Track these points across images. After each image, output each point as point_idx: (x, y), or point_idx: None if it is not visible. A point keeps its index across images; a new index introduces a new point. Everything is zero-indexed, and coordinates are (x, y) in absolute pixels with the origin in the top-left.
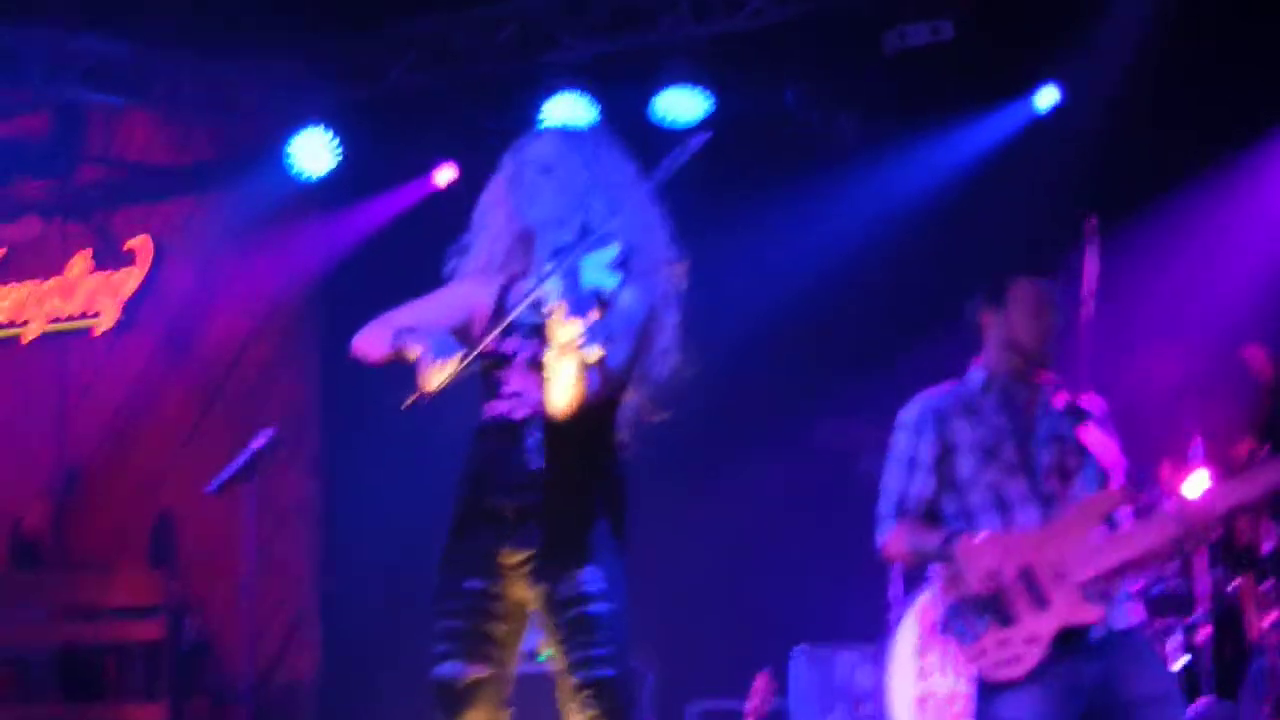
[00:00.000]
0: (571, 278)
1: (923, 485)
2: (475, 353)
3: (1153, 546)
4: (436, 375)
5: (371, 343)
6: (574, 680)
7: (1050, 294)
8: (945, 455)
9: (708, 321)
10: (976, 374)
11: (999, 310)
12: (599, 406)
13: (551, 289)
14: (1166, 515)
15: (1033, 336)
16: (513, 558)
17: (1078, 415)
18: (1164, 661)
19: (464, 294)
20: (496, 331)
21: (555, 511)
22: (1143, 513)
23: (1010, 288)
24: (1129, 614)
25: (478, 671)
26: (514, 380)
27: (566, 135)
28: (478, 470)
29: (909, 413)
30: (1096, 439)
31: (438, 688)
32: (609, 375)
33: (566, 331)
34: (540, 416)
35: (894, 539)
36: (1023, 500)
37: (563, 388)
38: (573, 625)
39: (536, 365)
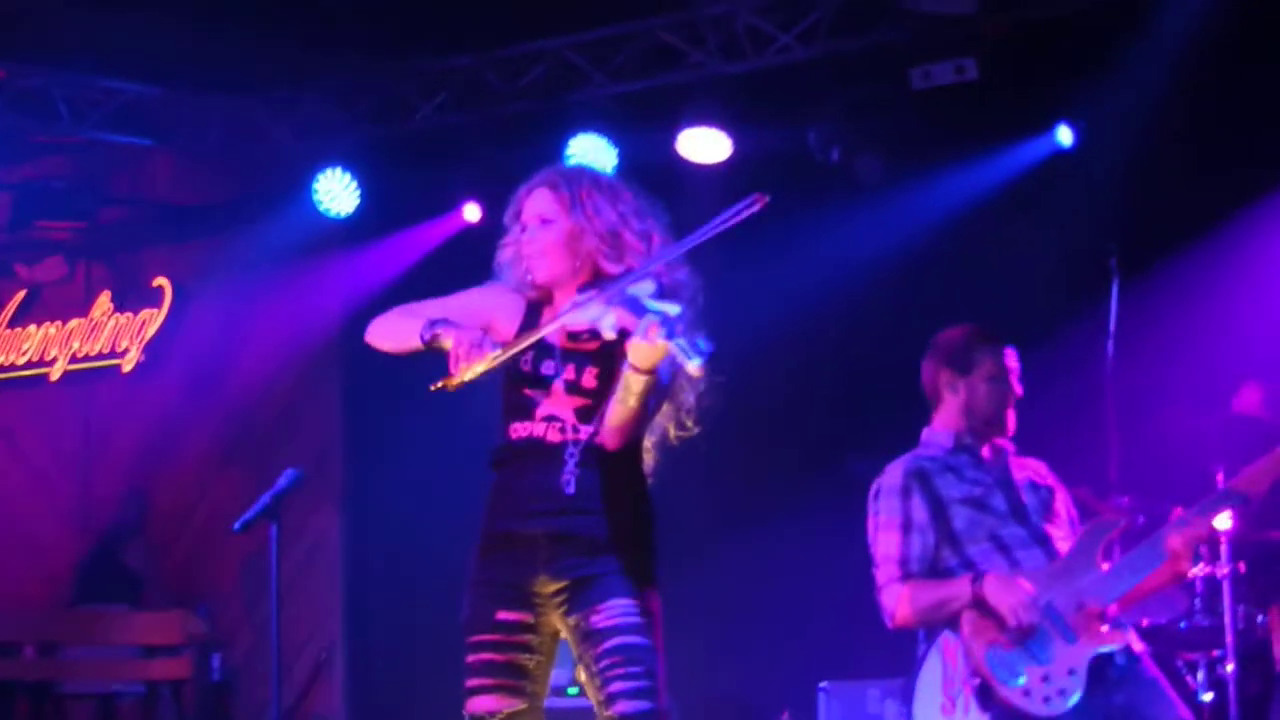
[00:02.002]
0: (635, 304)
1: (922, 544)
2: (512, 352)
3: (1159, 566)
4: (470, 368)
5: (399, 331)
6: (610, 714)
7: (1012, 362)
8: (937, 511)
9: (734, 355)
10: (940, 437)
11: (962, 377)
12: (637, 432)
13: (604, 314)
14: (1165, 533)
15: (994, 405)
16: (548, 587)
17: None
18: (1180, 694)
19: (487, 300)
20: (535, 338)
21: (592, 539)
22: (1145, 537)
23: (976, 356)
24: (1138, 641)
25: (513, 705)
26: (549, 403)
27: (554, 189)
28: (508, 493)
29: (890, 479)
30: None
31: None
32: (661, 396)
33: (650, 352)
34: (578, 441)
35: (906, 599)
36: (1022, 544)
37: (629, 409)
38: (608, 656)
39: (575, 389)
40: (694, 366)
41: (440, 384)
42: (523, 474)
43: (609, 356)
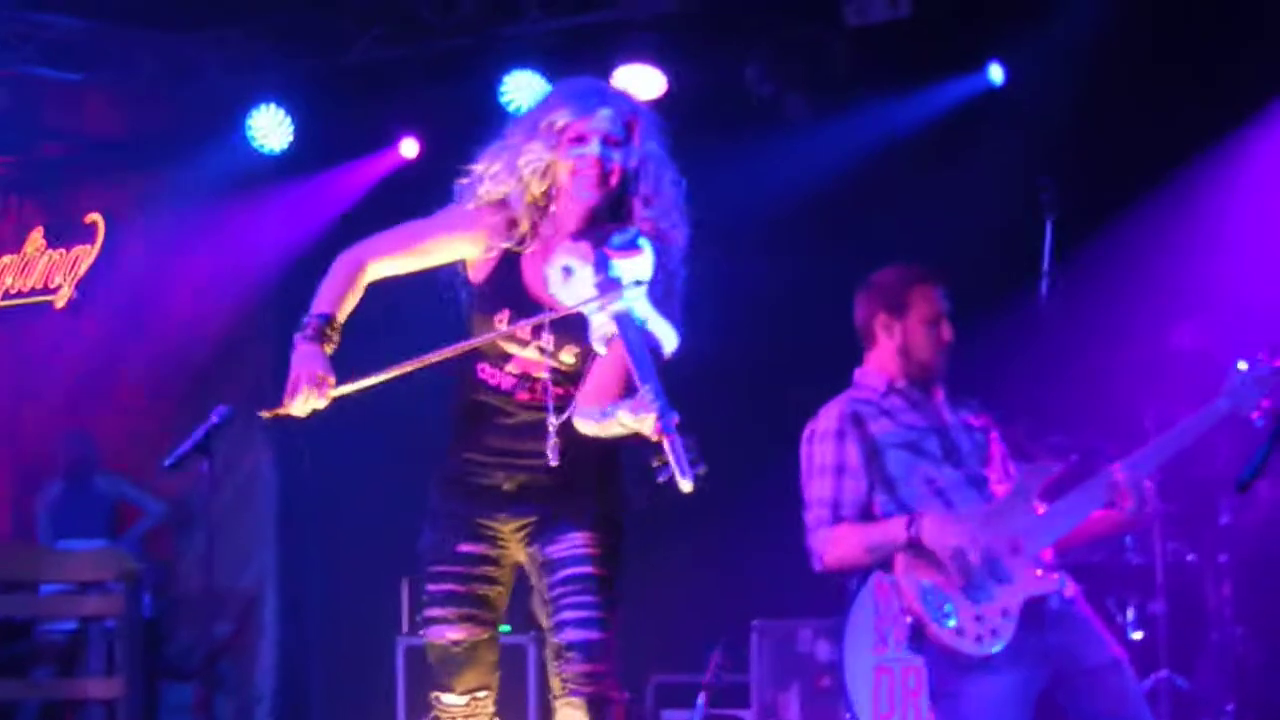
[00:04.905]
0: (630, 326)
1: (855, 488)
2: (350, 390)
3: (1095, 510)
4: (302, 405)
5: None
6: (560, 640)
7: (946, 304)
8: (872, 454)
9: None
10: (873, 378)
11: (898, 319)
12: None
13: (599, 316)
14: (1102, 481)
15: (929, 348)
16: (510, 525)
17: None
18: (1111, 632)
19: (456, 234)
20: (505, 331)
21: (560, 486)
22: (1081, 481)
23: (912, 298)
24: (1071, 584)
25: (475, 634)
26: (521, 361)
27: (620, 112)
28: (477, 435)
29: (823, 422)
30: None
31: (436, 652)
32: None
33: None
34: (549, 393)
35: (838, 543)
36: (957, 487)
37: (605, 432)
38: (562, 585)
39: (550, 357)
40: (686, 485)
41: (268, 413)
42: (492, 421)
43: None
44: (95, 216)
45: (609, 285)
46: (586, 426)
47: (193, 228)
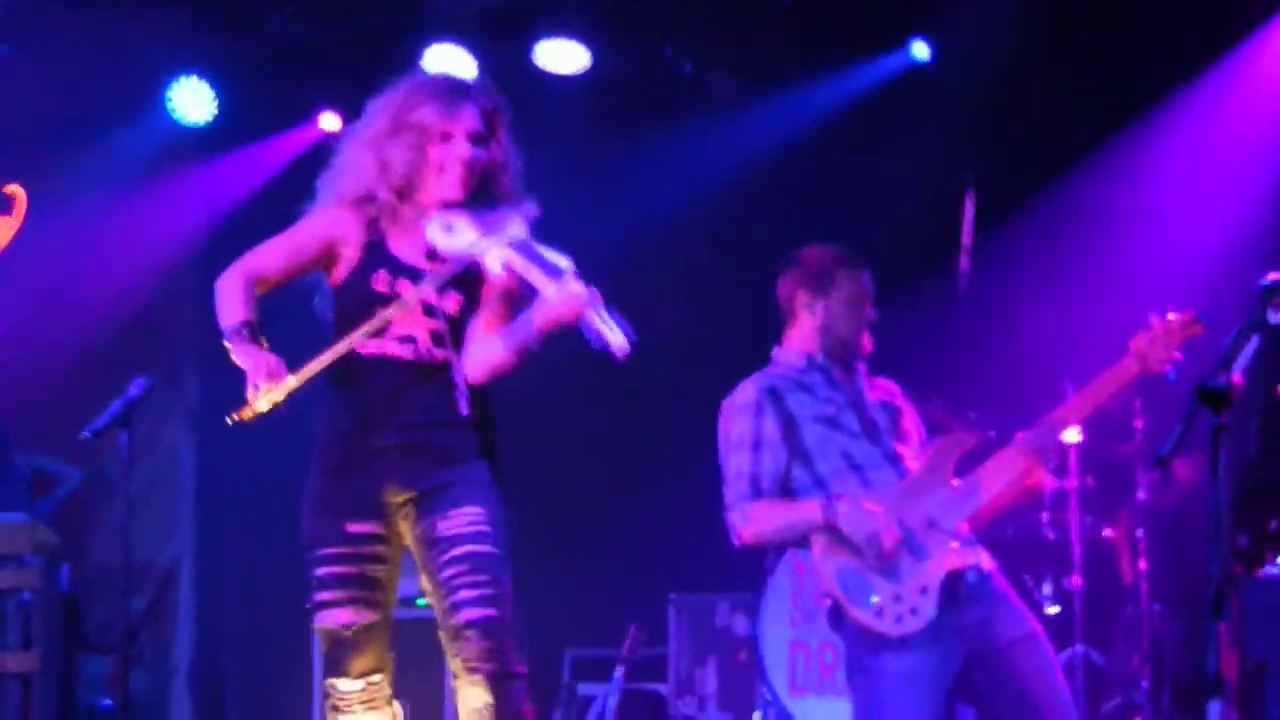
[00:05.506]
0: (529, 250)
1: (774, 462)
2: (311, 373)
3: (1009, 482)
4: (266, 398)
5: (220, 308)
6: (457, 620)
7: (870, 286)
8: (790, 429)
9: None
10: (792, 356)
11: (821, 298)
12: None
13: (488, 247)
14: (1013, 448)
15: (851, 327)
16: (398, 496)
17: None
18: (1027, 606)
19: (325, 225)
20: (362, 333)
21: (444, 450)
22: (994, 452)
23: (836, 277)
24: (987, 558)
25: (367, 617)
26: (404, 322)
27: (483, 109)
28: (357, 407)
29: (742, 396)
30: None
31: (327, 637)
32: None
33: (564, 315)
34: (433, 358)
35: (756, 518)
36: (874, 463)
37: (513, 359)
38: (455, 565)
39: (433, 312)
40: (619, 345)
41: (236, 417)
42: (375, 388)
43: (470, 283)
44: (15, 188)
45: (492, 224)
46: (490, 359)
47: (113, 200)
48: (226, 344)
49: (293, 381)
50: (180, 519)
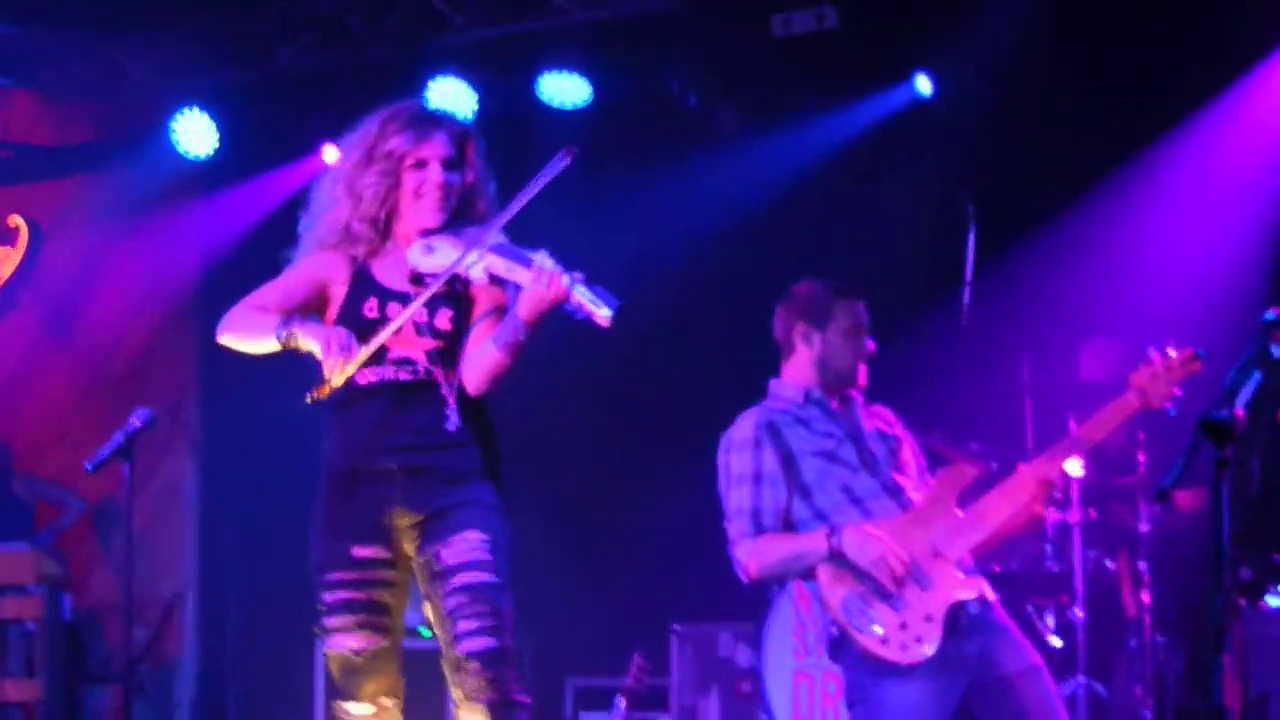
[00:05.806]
0: (510, 251)
1: (774, 496)
2: (382, 339)
3: (1012, 513)
4: (343, 371)
5: (251, 331)
6: (459, 651)
7: (866, 317)
8: (788, 463)
9: None
10: (789, 390)
11: (818, 330)
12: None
13: (472, 259)
14: (1017, 480)
15: (848, 359)
16: (404, 519)
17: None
18: (1030, 638)
19: (316, 267)
20: (409, 313)
21: (450, 471)
22: (997, 484)
23: (832, 310)
24: (989, 590)
25: (376, 643)
26: (400, 345)
27: (453, 136)
28: (361, 431)
29: (740, 432)
30: (907, 439)
31: (337, 663)
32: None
33: (547, 303)
34: (432, 379)
35: (760, 553)
36: (874, 495)
37: (507, 361)
38: (457, 595)
39: (427, 331)
40: (604, 316)
41: (315, 394)
42: (375, 412)
43: (460, 299)
44: (18, 220)
45: (471, 238)
46: (485, 362)
47: (117, 232)
48: (284, 340)
49: (363, 354)
50: (183, 550)
